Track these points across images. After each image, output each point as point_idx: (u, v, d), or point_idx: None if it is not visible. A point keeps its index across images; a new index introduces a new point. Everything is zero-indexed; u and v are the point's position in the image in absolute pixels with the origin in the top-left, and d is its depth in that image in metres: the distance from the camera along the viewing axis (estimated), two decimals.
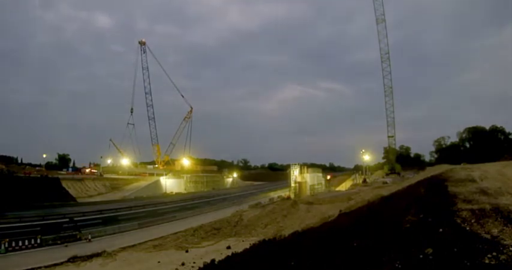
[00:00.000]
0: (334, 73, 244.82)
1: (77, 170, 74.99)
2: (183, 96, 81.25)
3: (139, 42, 79.00)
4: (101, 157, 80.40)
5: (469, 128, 79.35)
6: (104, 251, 19.04)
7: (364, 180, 57.66)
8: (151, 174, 74.22)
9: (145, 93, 78.96)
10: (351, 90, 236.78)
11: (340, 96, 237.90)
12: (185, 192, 69.17)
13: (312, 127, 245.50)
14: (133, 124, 77.63)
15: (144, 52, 78.39)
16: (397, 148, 72.18)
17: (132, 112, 78.16)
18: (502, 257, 4.77)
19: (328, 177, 67.44)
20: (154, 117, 79.76)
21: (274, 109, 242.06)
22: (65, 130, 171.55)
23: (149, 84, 78.80)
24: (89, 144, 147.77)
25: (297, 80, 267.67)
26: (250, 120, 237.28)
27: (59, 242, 21.57)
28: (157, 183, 67.13)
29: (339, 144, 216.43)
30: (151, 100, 79.39)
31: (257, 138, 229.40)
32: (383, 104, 62.52)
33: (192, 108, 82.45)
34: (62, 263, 17.18)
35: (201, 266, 15.51)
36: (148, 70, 78.39)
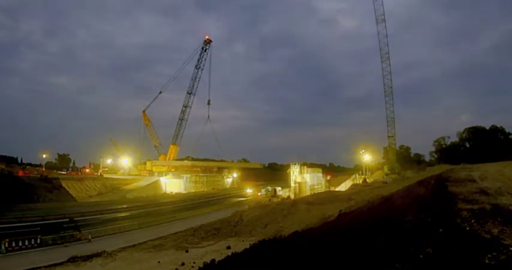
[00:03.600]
0: None
1: (76, 170, 74.88)
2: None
3: (205, 40, 73.40)
4: (101, 157, 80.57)
5: (469, 128, 79.27)
6: (104, 251, 19.01)
7: (364, 180, 57.73)
8: (151, 174, 74.32)
9: (188, 93, 75.47)
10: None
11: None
12: (185, 192, 69.20)
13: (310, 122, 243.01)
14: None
15: (205, 51, 73.45)
16: (397, 148, 72.20)
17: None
18: (502, 257, 4.76)
19: (328, 177, 67.56)
20: (187, 118, 77.63)
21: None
22: (66, 129, 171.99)
23: (198, 84, 75.22)
24: (89, 144, 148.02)
25: None
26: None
27: (59, 242, 21.54)
28: (157, 183, 67.10)
29: (339, 143, 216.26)
30: (193, 102, 76.63)
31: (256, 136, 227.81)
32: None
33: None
34: (62, 263, 17.14)
35: (201, 266, 15.51)
36: (203, 70, 74.06)
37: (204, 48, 73.76)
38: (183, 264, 16.80)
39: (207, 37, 74.54)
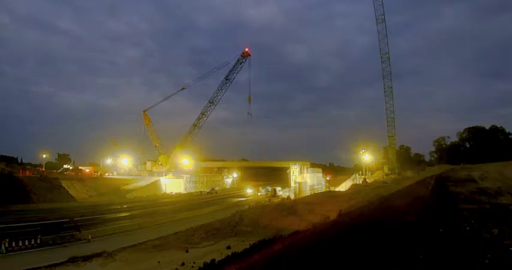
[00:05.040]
0: None
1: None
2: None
3: (242, 53, 68.12)
4: (101, 157, 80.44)
5: (469, 128, 79.28)
6: (104, 251, 19.02)
7: (364, 180, 57.76)
8: (151, 174, 74.26)
9: (209, 102, 72.24)
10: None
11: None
12: (185, 192, 69.19)
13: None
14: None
15: (240, 64, 68.37)
16: (397, 148, 72.19)
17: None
18: (502, 257, 4.76)
19: (328, 177, 67.61)
20: (201, 126, 75.09)
21: None
22: (66, 129, 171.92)
23: (223, 94, 71.34)
24: (90, 144, 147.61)
25: None
26: None
27: (59, 242, 21.54)
28: (157, 184, 67.08)
29: (339, 143, 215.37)
30: (212, 110, 73.87)
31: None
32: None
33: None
34: (62, 263, 17.15)
35: (201, 266, 15.54)
36: (232, 82, 69.99)
37: (240, 61, 68.89)
38: (183, 264, 16.82)
39: (246, 50, 69.03)
